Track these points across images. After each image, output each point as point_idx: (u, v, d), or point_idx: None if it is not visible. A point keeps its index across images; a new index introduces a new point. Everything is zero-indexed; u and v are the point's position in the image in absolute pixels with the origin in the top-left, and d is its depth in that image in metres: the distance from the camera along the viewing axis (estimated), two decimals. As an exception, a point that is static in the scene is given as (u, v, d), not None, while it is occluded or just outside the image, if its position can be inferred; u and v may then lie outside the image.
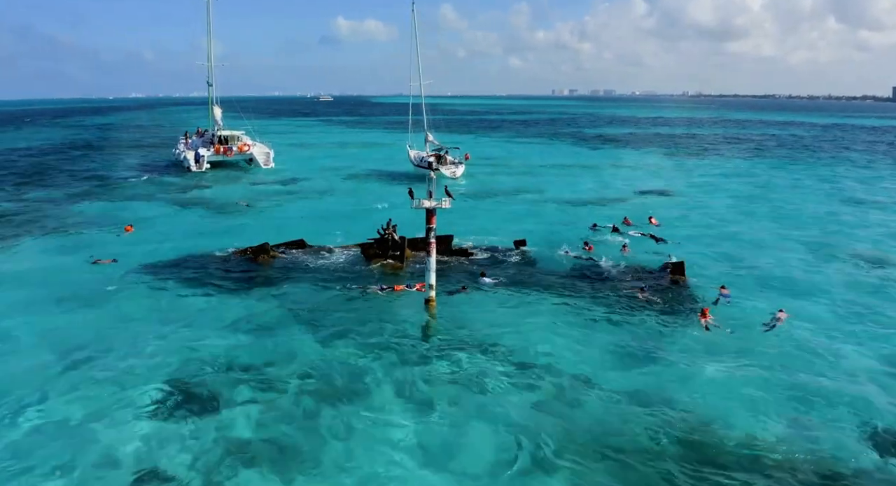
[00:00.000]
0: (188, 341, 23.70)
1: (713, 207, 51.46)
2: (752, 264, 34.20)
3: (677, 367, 21.66)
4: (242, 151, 73.41)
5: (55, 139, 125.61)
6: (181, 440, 17.22)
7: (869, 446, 17.04)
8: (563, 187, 61.03)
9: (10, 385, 20.07)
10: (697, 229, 42.85)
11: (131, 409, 18.74)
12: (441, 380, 20.72)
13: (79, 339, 23.78)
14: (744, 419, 18.16)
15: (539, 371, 21.26)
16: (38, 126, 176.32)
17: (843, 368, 21.64)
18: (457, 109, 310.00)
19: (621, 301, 27.83)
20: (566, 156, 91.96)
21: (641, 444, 17.04)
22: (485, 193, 58.36)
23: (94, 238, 40.97)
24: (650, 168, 77.46)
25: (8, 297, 28.77)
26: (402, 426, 17.96)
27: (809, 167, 79.02)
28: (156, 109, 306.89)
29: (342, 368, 21.40)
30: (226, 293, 29.23)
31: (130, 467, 16.00)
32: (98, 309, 27.22)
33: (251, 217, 47.83)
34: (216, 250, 36.07)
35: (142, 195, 57.36)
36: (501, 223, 44.73)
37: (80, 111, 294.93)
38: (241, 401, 19.28)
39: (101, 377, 20.70)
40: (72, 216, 47.91)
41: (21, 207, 51.43)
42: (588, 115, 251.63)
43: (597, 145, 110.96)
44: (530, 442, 17.03)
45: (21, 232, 42.28)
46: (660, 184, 63.24)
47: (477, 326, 25.01)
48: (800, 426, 17.83)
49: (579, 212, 48.60)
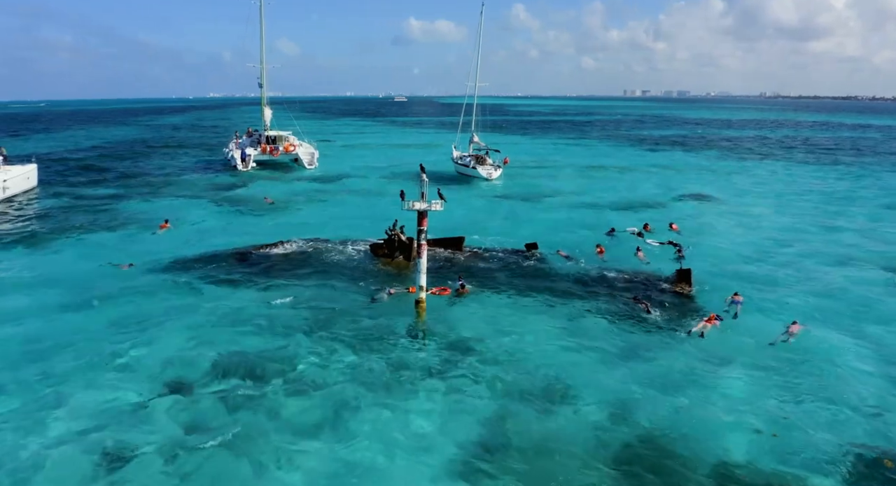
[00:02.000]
0: (187, 334, 24.56)
1: (752, 214, 49.54)
2: (774, 276, 32.76)
3: (660, 378, 21.17)
4: (288, 151, 74.96)
5: (121, 138, 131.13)
6: (162, 426, 18.08)
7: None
8: (601, 190, 60.06)
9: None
10: (726, 238, 41.36)
11: (123, 393, 19.81)
12: (419, 379, 20.89)
13: (86, 331, 24.89)
14: (719, 439, 17.47)
15: (517, 376, 21.16)
16: (110, 125, 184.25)
17: (840, 391, 20.40)
18: (521, 110, 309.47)
19: (616, 308, 27.35)
20: (616, 158, 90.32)
21: (604, 455, 16.71)
22: (518, 194, 58.02)
23: (131, 235, 42.63)
24: (699, 172, 75.34)
25: (30, 290, 30.33)
26: (372, 421, 18.26)
27: (874, 175, 74.90)
28: (228, 109, 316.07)
29: (324, 363, 21.87)
30: (230, 289, 30.02)
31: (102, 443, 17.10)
32: (108, 301, 28.36)
33: (277, 215, 48.85)
34: (237, 246, 36.99)
35: (185, 193, 59.25)
36: (525, 225, 44.55)
37: (156, 111, 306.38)
38: (225, 391, 19.99)
39: (98, 365, 21.84)
40: (115, 214, 49.86)
41: (71, 203, 53.87)
42: (654, 116, 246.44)
43: (652, 148, 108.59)
44: (490, 448, 17.02)
45: (64, 228, 44.35)
46: (704, 188, 61.36)
47: (464, 329, 25.00)
48: (775, 454, 16.90)
49: (608, 216, 47.67)
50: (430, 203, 25.83)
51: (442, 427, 18.12)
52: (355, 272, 32.26)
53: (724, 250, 38.22)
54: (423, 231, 26.04)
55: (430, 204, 25.81)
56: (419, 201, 25.75)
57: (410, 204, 25.79)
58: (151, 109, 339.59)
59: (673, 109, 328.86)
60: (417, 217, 26.07)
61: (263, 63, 78.79)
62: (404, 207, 25.94)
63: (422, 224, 26.03)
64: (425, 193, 26.07)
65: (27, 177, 58.90)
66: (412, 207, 25.80)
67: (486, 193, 59.16)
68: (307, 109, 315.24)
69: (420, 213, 25.94)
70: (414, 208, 25.82)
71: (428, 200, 26.05)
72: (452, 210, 49.85)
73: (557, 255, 35.54)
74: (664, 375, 21.30)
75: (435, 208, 26.04)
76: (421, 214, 25.95)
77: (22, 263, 35.34)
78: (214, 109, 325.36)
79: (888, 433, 17.84)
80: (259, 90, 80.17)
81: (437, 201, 26.13)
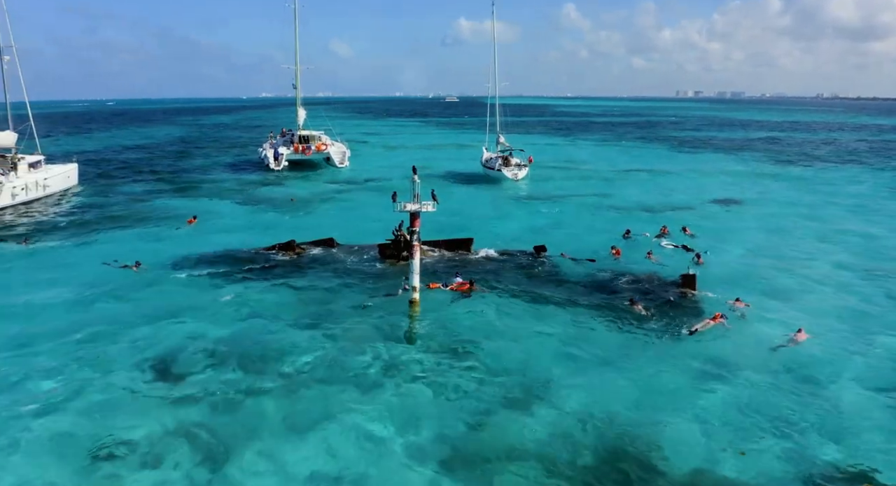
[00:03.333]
0: (185, 327, 25.59)
1: (777, 220, 48.17)
2: (786, 284, 31.86)
3: (644, 386, 20.88)
4: (320, 151, 76.29)
5: (166, 137, 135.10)
6: (151, 412, 18.98)
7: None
8: (627, 193, 59.55)
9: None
10: (744, 243, 40.40)
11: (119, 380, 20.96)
12: (406, 377, 21.28)
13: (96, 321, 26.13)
14: (684, 453, 17.10)
15: (499, 378, 21.29)
16: (160, 124, 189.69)
17: (827, 412, 19.47)
18: (566, 111, 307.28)
19: (615, 312, 27.15)
20: (651, 161, 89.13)
21: (570, 463, 16.65)
22: (542, 195, 58.08)
23: (158, 230, 44.32)
24: (734, 176, 73.78)
25: (40, 282, 31.87)
26: (345, 420, 18.67)
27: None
28: (277, 109, 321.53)
29: (313, 359, 22.50)
30: (243, 284, 31.09)
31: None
32: (119, 294, 29.73)
33: (298, 214, 49.88)
34: (256, 244, 37.95)
35: (216, 191, 60.97)
36: (542, 226, 44.73)
37: (206, 110, 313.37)
38: (214, 383, 20.81)
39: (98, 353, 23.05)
40: (146, 210, 51.71)
41: (106, 200, 55.96)
42: (700, 117, 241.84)
43: (690, 150, 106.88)
44: (456, 451, 17.16)
45: (95, 224, 46.25)
46: (734, 193, 60.12)
47: (456, 329, 25.29)
48: (734, 472, 16.39)
49: (630, 218, 47.29)
50: (422, 204, 26.20)
51: (410, 428, 18.25)
52: (361, 273, 32.80)
53: (739, 255, 37.56)
54: (415, 232, 26.49)
55: (422, 205, 26.19)
56: (411, 203, 26.17)
57: (402, 205, 26.24)
58: (204, 108, 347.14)
59: (722, 111, 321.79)
60: (409, 218, 26.49)
61: (297, 64, 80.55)
62: (396, 208, 26.40)
63: (414, 225, 26.46)
64: (418, 194, 26.50)
65: (67, 175, 61.29)
66: (404, 209, 26.25)
67: (510, 194, 59.30)
68: (354, 110, 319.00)
69: (412, 214, 26.36)
70: (406, 210, 26.26)
71: (423, 199, 26.50)
72: (471, 211, 50.50)
73: (564, 258, 35.63)
74: (650, 383, 21.03)
75: (426, 210, 26.43)
76: (413, 215, 26.37)
77: (43, 256, 37.05)
78: (263, 109, 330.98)
79: (867, 464, 16.77)
80: (294, 91, 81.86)
81: (429, 202, 26.52)
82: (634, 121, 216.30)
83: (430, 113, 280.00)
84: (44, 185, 55.98)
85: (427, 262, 34.22)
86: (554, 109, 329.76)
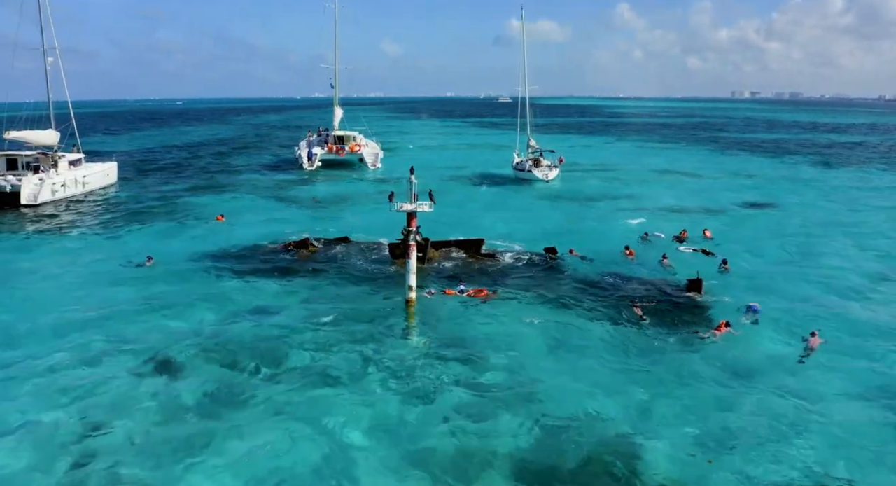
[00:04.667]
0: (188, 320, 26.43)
1: (808, 226, 46.26)
2: (805, 292, 30.71)
3: (631, 393, 20.37)
4: (354, 151, 77.12)
5: (213, 136, 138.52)
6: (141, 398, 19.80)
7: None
8: (656, 195, 58.57)
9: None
10: (768, 249, 39.12)
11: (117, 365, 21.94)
12: (396, 376, 21.35)
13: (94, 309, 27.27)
14: (651, 456, 16.71)
15: (486, 381, 21.18)
16: (211, 123, 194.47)
17: (819, 426, 18.59)
18: (615, 112, 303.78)
19: (616, 316, 26.73)
20: (689, 162, 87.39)
21: (555, 468, 16.46)
22: (570, 197, 57.71)
23: (185, 227, 45.71)
24: (773, 179, 71.65)
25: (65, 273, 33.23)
26: (331, 418, 18.79)
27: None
28: (327, 108, 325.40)
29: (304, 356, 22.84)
30: (251, 280, 31.76)
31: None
32: (132, 286, 30.79)
33: (321, 213, 50.57)
34: (275, 241, 38.72)
35: (249, 189, 62.32)
36: (563, 227, 44.58)
37: (259, 110, 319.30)
38: (208, 374, 21.46)
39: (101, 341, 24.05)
40: (178, 207, 53.15)
41: (141, 198, 57.67)
42: (752, 119, 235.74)
43: (734, 152, 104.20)
44: (430, 453, 17.13)
45: (126, 220, 47.78)
46: (769, 197, 58.49)
47: (452, 330, 25.27)
48: (695, 480, 16.02)
49: (652, 220, 46.44)
50: (417, 205, 26.31)
51: (387, 429, 18.27)
52: (369, 271, 33.06)
53: (759, 261, 36.44)
54: (411, 232, 26.63)
55: (417, 206, 26.30)
56: (408, 203, 26.30)
57: (399, 206, 26.38)
58: (257, 108, 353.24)
59: (777, 112, 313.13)
60: (406, 218, 26.62)
61: (336, 64, 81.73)
62: (393, 208, 26.55)
63: (411, 225, 26.58)
64: (416, 194, 26.62)
65: (107, 173, 63.32)
66: (401, 209, 26.39)
67: (537, 195, 58.91)
68: (403, 110, 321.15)
69: (409, 214, 26.49)
70: (403, 210, 26.39)
71: (419, 199, 26.62)
72: (495, 211, 50.44)
73: (573, 256, 35.28)
74: (636, 391, 20.52)
75: (422, 210, 26.52)
76: (409, 215, 26.50)
77: (67, 249, 38.49)
78: (315, 109, 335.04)
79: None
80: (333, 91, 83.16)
81: (426, 203, 26.61)
82: (682, 122, 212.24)
83: (476, 113, 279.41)
84: (83, 182, 57.95)
85: (435, 264, 34.39)
86: (602, 110, 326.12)
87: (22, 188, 51.12)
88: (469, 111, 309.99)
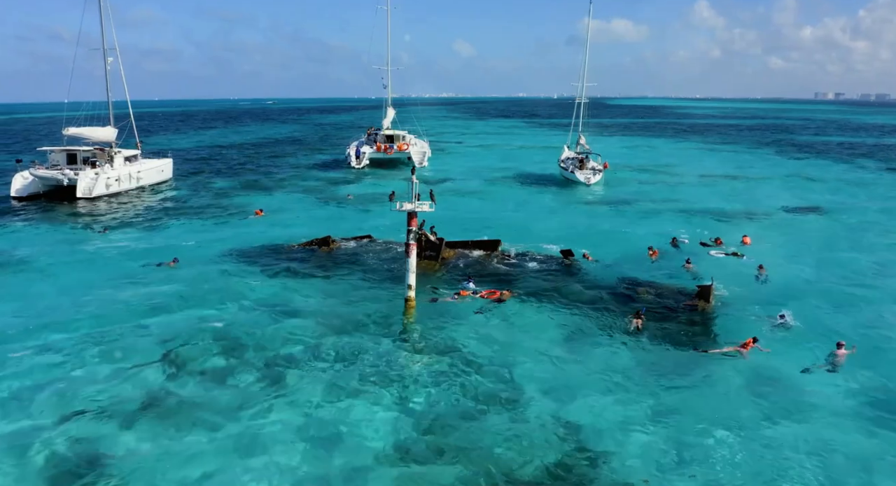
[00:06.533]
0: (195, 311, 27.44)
1: (857, 236, 43.69)
2: (841, 305, 29.07)
3: (618, 408, 19.70)
4: (402, 150, 77.87)
5: (278, 135, 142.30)
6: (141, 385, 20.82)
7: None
8: (699, 199, 57.01)
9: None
10: (806, 257, 37.55)
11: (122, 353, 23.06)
12: (380, 373, 21.61)
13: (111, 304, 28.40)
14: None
15: (481, 383, 21.12)
16: (277, 123, 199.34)
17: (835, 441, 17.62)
18: (686, 113, 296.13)
19: (621, 323, 26.12)
20: (749, 165, 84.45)
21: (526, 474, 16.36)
22: (606, 199, 56.83)
23: (225, 222, 47.39)
24: (836, 183, 68.63)
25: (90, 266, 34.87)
26: (322, 412, 19.24)
27: None
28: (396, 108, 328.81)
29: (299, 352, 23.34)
30: (266, 275, 32.66)
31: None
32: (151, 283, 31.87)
33: (352, 211, 51.37)
34: (308, 237, 39.38)
35: (294, 187, 63.92)
36: (591, 231, 43.99)
37: (328, 109, 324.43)
38: (205, 367, 22.23)
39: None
40: (225, 203, 55.04)
41: (191, 193, 59.97)
42: (831, 121, 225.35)
43: (801, 155, 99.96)
44: (409, 454, 17.24)
45: (171, 215, 49.75)
46: (824, 201, 56.04)
47: (449, 331, 25.29)
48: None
49: (688, 225, 45.28)
50: (417, 205, 26.46)
51: (371, 428, 18.44)
52: (381, 271, 33.36)
53: (795, 269, 34.89)
54: (411, 231, 26.78)
55: (417, 205, 26.44)
56: (409, 202, 26.49)
57: (399, 205, 26.61)
58: (327, 108, 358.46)
59: (859, 114, 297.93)
60: (407, 218, 26.82)
61: (389, 65, 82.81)
62: (393, 208, 26.78)
63: (411, 224, 26.78)
64: (418, 194, 26.80)
65: (161, 169, 65.82)
66: (401, 208, 26.60)
67: (576, 198, 58.15)
68: (472, 110, 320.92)
69: (409, 214, 26.68)
70: (403, 209, 26.60)
71: (421, 199, 26.78)
72: (527, 212, 50.13)
73: (588, 260, 34.91)
74: (624, 407, 19.75)
75: (422, 210, 26.67)
76: (410, 215, 26.69)
77: (107, 243, 40.17)
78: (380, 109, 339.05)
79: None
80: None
81: (426, 203, 26.75)
82: (755, 123, 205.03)
83: (543, 114, 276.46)
84: (137, 177, 60.48)
85: (450, 264, 34.51)
86: (673, 111, 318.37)
87: (78, 182, 53.76)
88: (535, 111, 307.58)
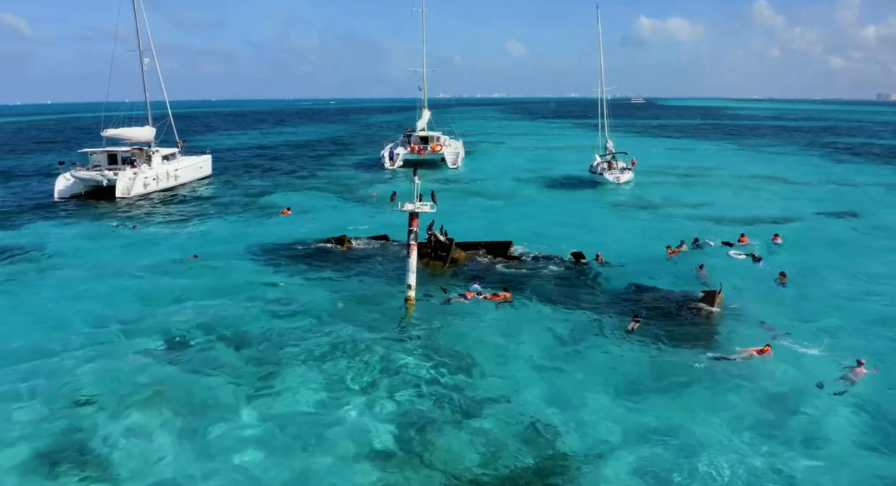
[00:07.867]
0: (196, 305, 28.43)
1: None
2: (858, 311, 28.37)
3: (619, 415, 19.53)
4: (435, 151, 78.55)
5: (323, 134, 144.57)
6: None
7: None
8: (731, 202, 55.90)
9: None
10: (832, 260, 36.79)
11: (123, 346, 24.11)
12: (385, 375, 21.91)
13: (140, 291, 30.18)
14: None
15: (469, 384, 21.31)
16: (325, 123, 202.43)
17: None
18: (739, 114, 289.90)
19: (622, 325, 26.06)
20: (787, 167, 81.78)
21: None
22: (634, 201, 56.31)
23: (253, 219, 48.83)
24: (875, 190, 66.12)
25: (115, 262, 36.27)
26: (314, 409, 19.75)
27: None
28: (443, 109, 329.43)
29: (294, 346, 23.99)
30: (278, 273, 33.54)
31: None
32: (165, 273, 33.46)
33: (375, 210, 51.91)
34: (329, 235, 40.22)
35: (327, 186, 65.09)
36: (611, 232, 43.85)
37: (378, 110, 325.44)
38: (202, 359, 22.99)
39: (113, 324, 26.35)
40: (257, 200, 56.71)
41: (226, 191, 61.75)
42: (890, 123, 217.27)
43: (848, 158, 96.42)
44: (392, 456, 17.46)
45: (203, 212, 51.49)
46: (863, 211, 54.04)
47: (447, 331, 25.57)
48: None
49: (715, 228, 44.49)
50: (418, 205, 26.87)
51: (360, 427, 18.74)
52: (390, 270, 33.75)
53: (820, 279, 33.38)
54: (412, 232, 27.22)
55: (417, 206, 26.86)
56: (410, 203, 26.93)
57: (401, 205, 27.08)
58: (384, 108, 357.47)
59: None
60: (408, 218, 27.26)
61: (425, 68, 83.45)
62: (394, 208, 27.26)
63: (412, 225, 27.21)
64: (421, 195, 27.25)
65: (199, 166, 67.75)
66: (403, 209, 27.07)
67: (603, 199, 57.64)
68: (521, 110, 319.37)
69: (410, 214, 27.12)
70: (404, 209, 27.06)
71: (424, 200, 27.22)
72: (552, 213, 50.08)
73: (600, 262, 34.84)
74: (609, 412, 19.62)
75: (423, 210, 27.07)
76: (411, 215, 27.13)
77: (134, 241, 41.67)
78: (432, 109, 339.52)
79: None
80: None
81: (427, 203, 27.16)
82: (807, 125, 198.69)
83: (592, 115, 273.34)
84: (175, 175, 62.39)
85: (460, 265, 34.78)
86: (726, 112, 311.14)
87: (117, 182, 55.76)
88: (584, 112, 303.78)
